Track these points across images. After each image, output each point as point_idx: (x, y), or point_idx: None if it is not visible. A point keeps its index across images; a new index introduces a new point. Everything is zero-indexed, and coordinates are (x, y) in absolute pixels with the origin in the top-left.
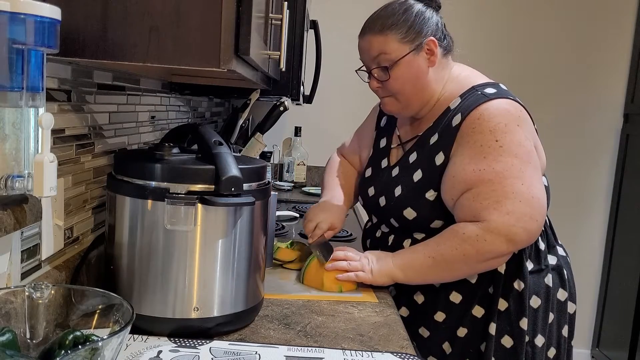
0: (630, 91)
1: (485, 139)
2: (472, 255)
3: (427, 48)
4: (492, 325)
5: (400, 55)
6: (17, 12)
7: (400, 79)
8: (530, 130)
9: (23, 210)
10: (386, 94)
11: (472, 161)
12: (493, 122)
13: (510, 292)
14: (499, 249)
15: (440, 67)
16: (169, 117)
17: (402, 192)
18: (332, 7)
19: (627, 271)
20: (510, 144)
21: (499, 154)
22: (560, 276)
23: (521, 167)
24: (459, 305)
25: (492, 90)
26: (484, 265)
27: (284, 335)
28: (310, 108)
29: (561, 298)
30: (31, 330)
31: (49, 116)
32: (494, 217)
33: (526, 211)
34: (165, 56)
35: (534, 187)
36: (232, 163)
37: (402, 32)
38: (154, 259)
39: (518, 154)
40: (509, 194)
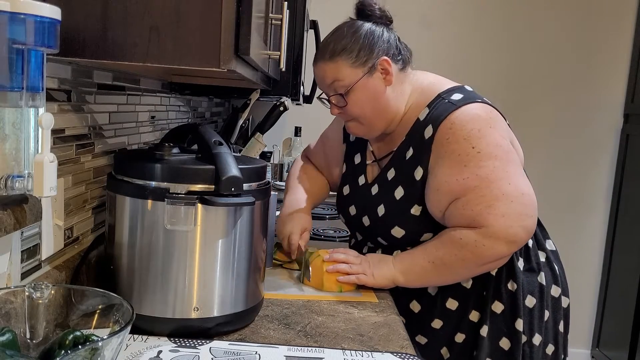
0: (630, 91)
1: (462, 147)
2: (472, 260)
3: (380, 68)
4: (484, 327)
5: (354, 81)
6: (17, 12)
7: (358, 103)
8: (504, 128)
9: (23, 210)
10: (348, 118)
11: (454, 172)
12: (466, 130)
13: (504, 294)
14: (500, 252)
15: (398, 82)
16: (169, 117)
17: (386, 210)
18: (332, 7)
19: (627, 271)
20: (488, 147)
21: (479, 160)
22: (552, 272)
23: (503, 167)
24: (455, 311)
25: (459, 95)
26: (484, 268)
27: (284, 335)
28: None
29: (555, 294)
30: (31, 330)
31: (49, 116)
32: (490, 222)
33: (520, 210)
34: (165, 56)
35: (521, 183)
36: (232, 163)
37: (352, 57)
38: (154, 259)
39: (498, 156)
40: (498, 196)
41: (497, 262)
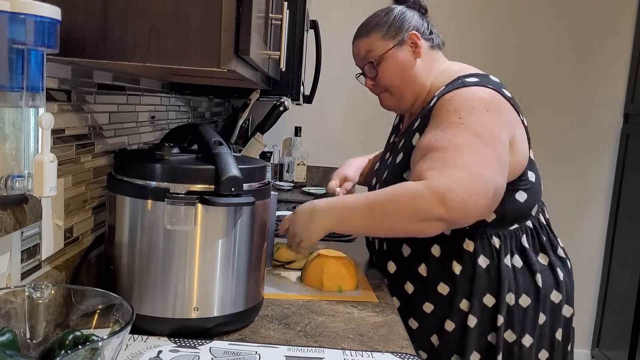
0: (630, 91)
1: (450, 115)
2: (406, 210)
3: (410, 41)
4: (471, 317)
5: (384, 50)
6: (17, 12)
7: (388, 72)
8: (506, 121)
9: (23, 210)
10: (380, 90)
11: (433, 132)
12: (461, 103)
13: (489, 287)
14: (432, 209)
15: (428, 58)
16: (169, 117)
17: (387, 174)
18: (332, 7)
19: (627, 271)
20: (474, 124)
21: (459, 130)
22: (554, 277)
23: (479, 146)
24: (446, 296)
25: (474, 79)
26: (415, 226)
27: (284, 335)
28: (310, 108)
29: (555, 300)
30: (31, 330)
31: (49, 116)
32: (436, 176)
33: (468, 184)
34: (165, 56)
35: (487, 167)
36: (232, 163)
37: (384, 31)
38: (154, 259)
39: (479, 134)
40: (457, 163)
41: (429, 223)
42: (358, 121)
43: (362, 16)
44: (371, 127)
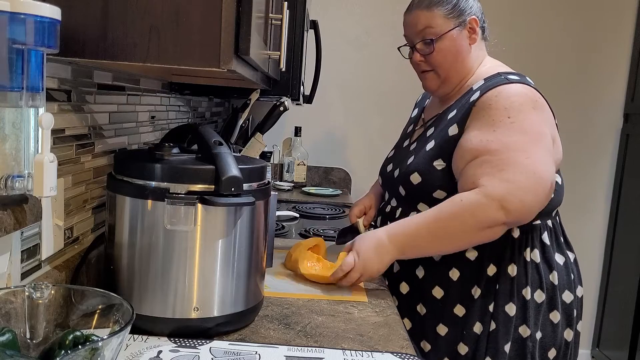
0: (630, 91)
1: (499, 114)
2: (469, 223)
3: (469, 26)
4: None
5: (445, 30)
6: (17, 12)
7: (443, 52)
8: (548, 118)
9: (23, 210)
10: (427, 68)
11: (482, 132)
12: (509, 101)
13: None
14: (494, 215)
15: (479, 47)
16: (169, 117)
17: (414, 160)
18: (332, 7)
19: (627, 271)
20: (523, 121)
21: (509, 129)
22: (568, 277)
23: (529, 144)
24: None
25: (516, 77)
26: (479, 236)
27: (284, 335)
28: (310, 108)
29: (567, 300)
30: (31, 330)
31: (49, 116)
32: (491, 182)
33: (524, 184)
34: (165, 56)
35: (540, 163)
36: (232, 163)
37: (448, 9)
38: (154, 259)
39: (528, 132)
40: (511, 164)
41: (492, 230)
42: (358, 121)
43: (362, 16)
44: (371, 127)
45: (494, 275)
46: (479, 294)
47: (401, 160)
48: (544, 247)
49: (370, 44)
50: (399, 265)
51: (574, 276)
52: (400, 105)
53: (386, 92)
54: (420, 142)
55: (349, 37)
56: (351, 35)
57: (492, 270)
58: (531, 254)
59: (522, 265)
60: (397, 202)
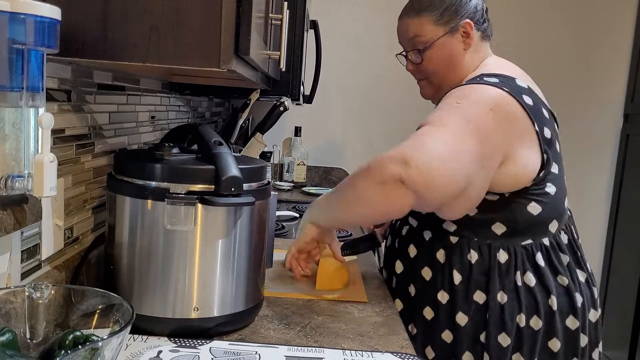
0: (630, 91)
1: (450, 100)
2: (365, 172)
3: (462, 30)
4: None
5: (434, 38)
6: (17, 12)
7: (433, 61)
8: (510, 128)
9: (23, 210)
10: (421, 77)
11: (430, 114)
12: (466, 94)
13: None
14: (391, 167)
15: (475, 50)
16: (169, 117)
17: None
18: (332, 7)
19: (627, 271)
20: (469, 109)
21: (453, 111)
22: (571, 302)
23: (464, 130)
24: (445, 305)
25: (494, 80)
26: (377, 193)
27: (284, 335)
28: (310, 108)
29: (571, 326)
30: (31, 330)
31: (49, 116)
32: (406, 142)
33: (441, 152)
34: (165, 56)
35: (463, 150)
36: (232, 163)
37: (437, 15)
38: (154, 259)
39: (472, 122)
40: (434, 133)
41: (388, 187)
42: (358, 121)
43: (362, 16)
44: (371, 127)
45: (483, 304)
46: (466, 321)
47: None
48: (538, 270)
49: (370, 44)
50: (397, 281)
51: (584, 299)
52: (400, 105)
53: (386, 92)
54: None
55: (349, 37)
56: (351, 35)
57: (481, 298)
58: (522, 277)
59: (511, 290)
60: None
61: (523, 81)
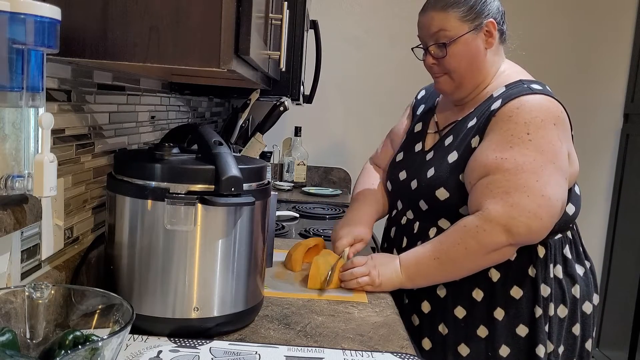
0: (630, 91)
1: (518, 129)
2: (474, 248)
3: (486, 29)
4: (520, 327)
5: (459, 33)
6: (17, 12)
7: (457, 57)
8: (566, 134)
9: (23, 210)
10: (441, 71)
11: (498, 148)
12: (530, 115)
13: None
14: (498, 239)
15: (495, 52)
16: (169, 117)
17: (435, 173)
18: (332, 7)
19: (627, 271)
20: (541, 139)
21: (526, 147)
22: (587, 288)
23: (542, 164)
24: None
25: (539, 86)
26: (487, 259)
27: (284, 335)
28: (310, 108)
29: (587, 311)
30: (31, 330)
31: (49, 116)
32: (496, 206)
33: (531, 207)
34: (165, 56)
35: (549, 185)
36: (232, 163)
37: (464, 11)
38: (154, 259)
39: (544, 151)
40: (520, 187)
41: (498, 253)
42: (358, 121)
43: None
44: (371, 127)
45: (521, 298)
46: (502, 315)
47: (417, 169)
48: (565, 262)
49: (370, 44)
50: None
51: (591, 285)
52: (400, 105)
53: (386, 92)
54: (439, 151)
55: (349, 37)
56: (351, 35)
57: (518, 293)
58: (554, 269)
59: (549, 283)
60: (414, 216)
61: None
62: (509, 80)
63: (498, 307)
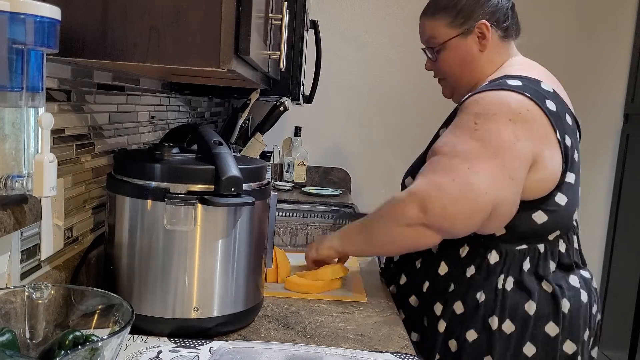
0: (630, 91)
1: (468, 119)
2: (387, 216)
3: (478, 31)
4: (440, 323)
5: (446, 39)
6: (17, 12)
7: (447, 62)
8: (532, 134)
9: (23, 210)
10: (438, 76)
11: (445, 135)
12: (484, 108)
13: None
14: (411, 213)
15: (494, 51)
16: (169, 117)
17: (410, 166)
18: (332, 7)
19: (627, 271)
20: (486, 131)
21: (468, 136)
22: (555, 308)
23: (480, 154)
24: (427, 294)
25: (517, 82)
26: (400, 233)
27: (284, 335)
28: (310, 108)
29: (550, 332)
30: (31, 331)
31: (48, 116)
32: (421, 183)
33: (452, 190)
34: (165, 56)
35: (479, 176)
36: (232, 163)
37: (451, 16)
38: (154, 259)
39: (487, 144)
40: (448, 170)
41: (414, 230)
42: (358, 121)
43: (362, 16)
44: (371, 127)
45: (453, 294)
46: (440, 310)
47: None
48: (521, 274)
49: (370, 44)
50: (406, 277)
51: (570, 305)
52: (400, 105)
53: (386, 92)
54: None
55: (349, 37)
56: (351, 35)
57: (452, 289)
58: (504, 280)
59: (491, 292)
60: None
61: (549, 84)
62: (499, 74)
63: (437, 302)
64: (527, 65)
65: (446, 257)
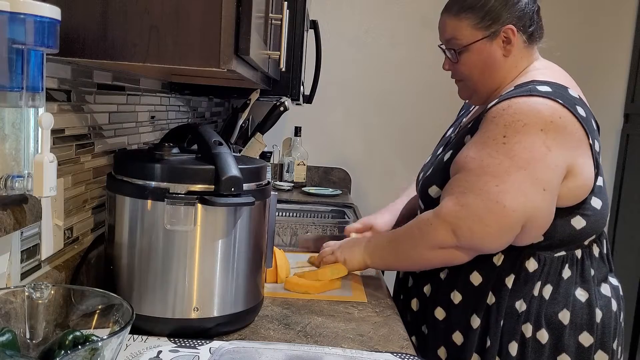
0: (630, 91)
1: (496, 131)
2: (417, 238)
3: (504, 36)
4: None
5: (470, 41)
6: (17, 12)
7: (468, 65)
8: (565, 142)
9: (23, 210)
10: (456, 77)
11: (472, 147)
12: (513, 118)
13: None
14: (443, 238)
15: (519, 56)
16: (168, 117)
17: (431, 171)
18: (332, 7)
19: (627, 271)
20: (516, 144)
21: (496, 150)
22: (589, 318)
23: (509, 169)
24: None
25: (547, 89)
26: (432, 255)
27: (284, 336)
28: (310, 108)
29: (584, 343)
30: (31, 331)
31: (48, 116)
32: (448, 203)
33: (481, 211)
34: (165, 56)
35: (509, 194)
36: (232, 163)
37: (478, 18)
38: (153, 259)
39: (515, 157)
40: (477, 189)
41: (444, 251)
42: (358, 121)
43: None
44: (371, 127)
45: (494, 306)
46: (477, 324)
47: (428, 168)
48: (559, 282)
49: (370, 44)
50: (412, 279)
51: (602, 314)
52: (400, 105)
53: (386, 92)
54: (445, 150)
55: (349, 37)
56: (351, 35)
57: (491, 300)
58: (542, 288)
59: (528, 300)
60: (419, 213)
61: (574, 91)
62: (525, 79)
63: (474, 314)
64: (552, 70)
65: (479, 267)
